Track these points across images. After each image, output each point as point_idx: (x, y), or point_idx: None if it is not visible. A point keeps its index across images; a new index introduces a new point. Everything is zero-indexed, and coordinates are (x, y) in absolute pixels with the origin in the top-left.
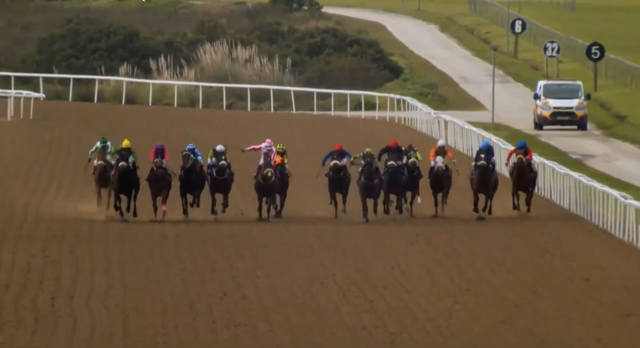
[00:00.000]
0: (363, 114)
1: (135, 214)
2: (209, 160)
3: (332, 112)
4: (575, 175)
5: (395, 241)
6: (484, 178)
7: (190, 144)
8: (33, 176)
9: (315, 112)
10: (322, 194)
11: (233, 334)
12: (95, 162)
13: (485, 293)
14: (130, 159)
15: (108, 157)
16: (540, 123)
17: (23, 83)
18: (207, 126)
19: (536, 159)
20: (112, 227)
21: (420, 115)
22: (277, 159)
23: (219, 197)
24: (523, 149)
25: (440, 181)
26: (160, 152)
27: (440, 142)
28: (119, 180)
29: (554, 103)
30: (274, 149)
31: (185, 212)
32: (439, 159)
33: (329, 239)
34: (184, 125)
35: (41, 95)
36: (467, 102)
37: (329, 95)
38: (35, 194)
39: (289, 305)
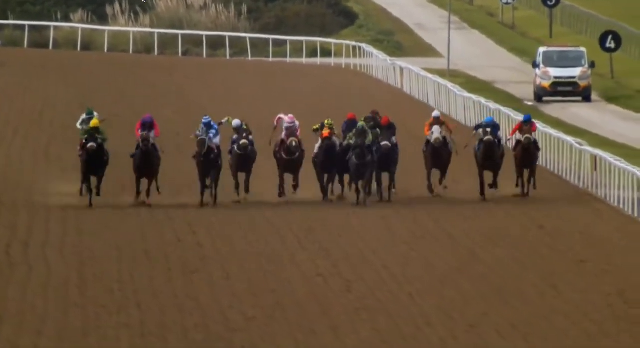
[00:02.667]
0: (319, 60)
1: (98, 193)
2: (233, 137)
3: (288, 59)
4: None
5: (352, 191)
6: (490, 155)
7: (205, 117)
8: None
9: (271, 59)
10: None
11: (189, 281)
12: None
13: (440, 241)
14: (99, 140)
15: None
16: (539, 94)
17: None
18: (164, 73)
19: (492, 106)
20: (68, 174)
21: (376, 62)
22: (325, 132)
23: (241, 176)
24: (529, 124)
25: (439, 155)
26: (148, 126)
27: (435, 113)
28: (87, 163)
29: (554, 72)
30: (296, 123)
31: (202, 194)
32: (436, 128)
33: (285, 190)
34: (140, 72)
35: None
36: (423, 49)
37: (284, 42)
38: None
39: (244, 252)
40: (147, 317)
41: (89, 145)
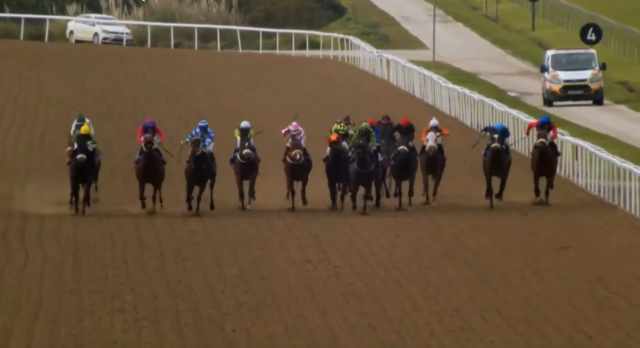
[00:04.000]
0: (307, 53)
1: (89, 203)
2: (237, 140)
3: (277, 51)
4: (514, 112)
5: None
6: (497, 162)
7: (202, 121)
8: None
9: (260, 51)
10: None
11: (181, 267)
12: (72, 148)
13: (426, 228)
14: (90, 147)
15: (89, 143)
16: (549, 99)
17: None
18: (156, 64)
19: (475, 97)
20: (62, 165)
21: (363, 54)
22: (333, 136)
23: (245, 184)
24: (546, 126)
25: (434, 163)
26: (150, 131)
27: (433, 122)
28: (76, 173)
29: (564, 76)
30: (301, 129)
31: (189, 207)
32: (431, 135)
33: (274, 177)
34: (134, 64)
35: None
36: (409, 41)
37: (274, 34)
38: None
39: (235, 239)
40: (140, 302)
41: (79, 156)
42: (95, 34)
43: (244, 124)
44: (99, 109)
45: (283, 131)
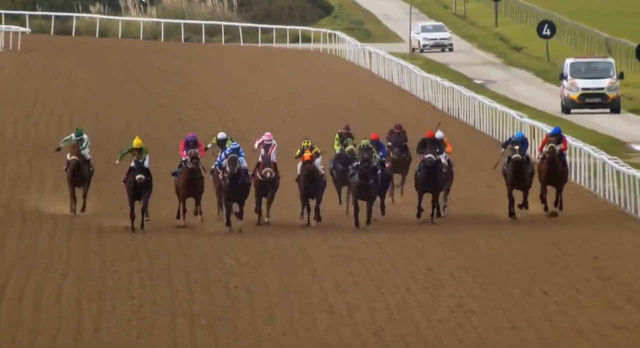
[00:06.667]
0: (300, 45)
1: (147, 217)
2: (218, 157)
3: (274, 44)
4: (479, 97)
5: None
6: (519, 173)
7: (234, 143)
8: (21, 100)
9: (259, 44)
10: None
11: (191, 233)
12: (69, 157)
13: (411, 207)
14: (145, 161)
15: (85, 151)
16: (567, 106)
17: (12, 19)
18: (168, 56)
19: (446, 84)
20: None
21: (349, 46)
22: (307, 155)
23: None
24: (557, 137)
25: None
26: (192, 145)
27: (438, 135)
28: (134, 192)
29: (582, 84)
30: (273, 142)
31: (228, 223)
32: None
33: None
34: (149, 55)
35: (27, 29)
36: (389, 36)
37: (271, 29)
38: (22, 114)
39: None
40: (155, 262)
41: (138, 177)
42: (419, 42)
43: (221, 135)
44: (119, 94)
45: (256, 145)
